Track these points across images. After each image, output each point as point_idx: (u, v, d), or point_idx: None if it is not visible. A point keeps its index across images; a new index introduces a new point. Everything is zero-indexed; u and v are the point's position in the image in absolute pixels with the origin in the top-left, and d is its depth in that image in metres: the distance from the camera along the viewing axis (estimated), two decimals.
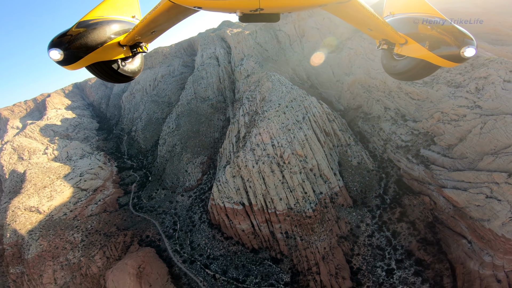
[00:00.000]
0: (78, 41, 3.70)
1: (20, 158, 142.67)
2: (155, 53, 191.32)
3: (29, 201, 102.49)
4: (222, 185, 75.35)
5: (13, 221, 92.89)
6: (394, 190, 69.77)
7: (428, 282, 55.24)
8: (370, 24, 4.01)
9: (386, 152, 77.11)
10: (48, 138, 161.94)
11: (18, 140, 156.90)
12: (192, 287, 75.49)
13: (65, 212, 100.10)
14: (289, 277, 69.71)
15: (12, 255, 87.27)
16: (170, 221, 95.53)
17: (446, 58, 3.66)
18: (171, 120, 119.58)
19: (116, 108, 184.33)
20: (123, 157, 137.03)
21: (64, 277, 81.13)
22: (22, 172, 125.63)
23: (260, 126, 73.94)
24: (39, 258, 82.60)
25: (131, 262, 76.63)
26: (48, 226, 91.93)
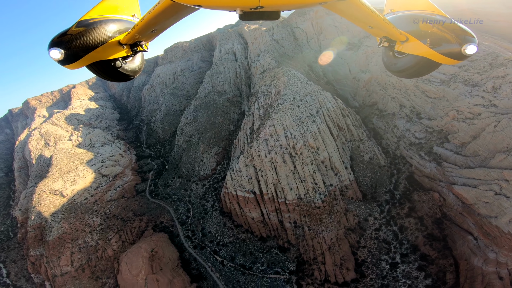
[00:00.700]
0: (78, 40, 3.77)
1: (47, 144, 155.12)
2: (175, 47, 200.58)
3: (54, 185, 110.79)
4: (235, 174, 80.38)
5: (38, 203, 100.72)
6: (405, 186, 71.69)
7: (431, 277, 57.29)
8: (371, 22, 4.05)
9: (399, 149, 78.87)
10: (73, 126, 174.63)
11: (45, 127, 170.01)
12: (201, 272, 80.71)
13: (86, 197, 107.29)
14: (294, 266, 73.52)
15: (34, 237, 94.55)
16: (184, 208, 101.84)
17: (447, 55, 3.71)
18: (189, 112, 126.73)
19: (137, 100, 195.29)
20: (142, 146, 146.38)
21: (80, 259, 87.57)
22: (48, 157, 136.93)
23: (274, 118, 78.21)
24: (60, 240, 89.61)
25: (145, 245, 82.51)
26: (70, 210, 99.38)
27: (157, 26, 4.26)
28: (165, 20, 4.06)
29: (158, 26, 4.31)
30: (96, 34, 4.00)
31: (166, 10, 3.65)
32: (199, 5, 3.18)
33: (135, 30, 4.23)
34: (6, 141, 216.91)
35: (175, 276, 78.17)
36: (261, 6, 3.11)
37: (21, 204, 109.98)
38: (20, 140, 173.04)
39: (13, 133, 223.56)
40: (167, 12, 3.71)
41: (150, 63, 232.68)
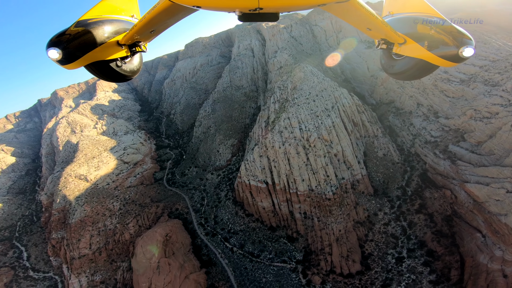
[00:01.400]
0: (76, 40, 3.82)
1: (73, 131, 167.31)
2: (196, 43, 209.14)
3: (80, 170, 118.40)
4: (249, 164, 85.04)
5: (64, 187, 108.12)
6: (417, 183, 73.06)
7: (436, 273, 58.81)
8: (369, 24, 4.12)
9: (414, 147, 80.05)
10: (97, 115, 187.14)
11: (72, 116, 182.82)
12: (211, 258, 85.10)
13: (108, 182, 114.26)
14: (301, 255, 76.79)
15: (58, 220, 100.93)
16: (199, 197, 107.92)
17: (444, 58, 3.75)
18: (207, 104, 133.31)
19: (157, 93, 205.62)
20: (161, 136, 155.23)
21: (98, 242, 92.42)
22: (75, 143, 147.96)
23: (290, 111, 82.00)
24: (81, 223, 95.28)
25: (160, 230, 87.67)
26: (93, 194, 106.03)
27: (156, 26, 4.31)
28: (164, 21, 4.13)
29: (157, 27, 4.37)
30: (95, 34, 4.06)
31: (165, 11, 3.70)
32: (198, 6, 3.23)
33: (134, 31, 4.30)
34: (34, 129, 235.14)
35: (186, 260, 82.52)
36: (260, 8, 3.17)
37: (47, 188, 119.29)
38: (48, 128, 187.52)
39: (41, 122, 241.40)
40: (166, 13, 3.78)
41: (171, 58, 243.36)
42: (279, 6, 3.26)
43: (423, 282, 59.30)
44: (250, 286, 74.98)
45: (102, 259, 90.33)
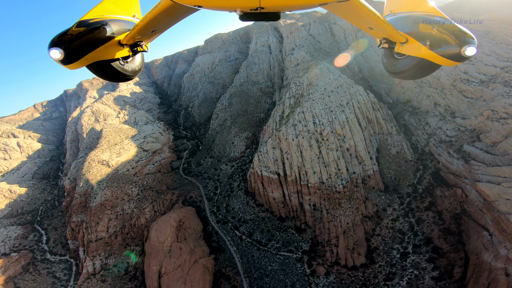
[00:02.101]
0: (78, 40, 3.88)
1: (97, 120, 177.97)
2: (215, 38, 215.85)
3: (103, 155, 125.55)
4: (263, 155, 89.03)
5: (87, 171, 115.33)
6: (429, 182, 74.05)
7: (439, 270, 60.06)
8: (371, 23, 4.15)
9: (428, 146, 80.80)
10: (119, 106, 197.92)
11: (96, 106, 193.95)
12: (220, 245, 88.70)
13: (128, 168, 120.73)
14: (308, 246, 79.37)
15: (79, 204, 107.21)
16: (212, 186, 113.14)
17: (447, 57, 3.77)
18: (224, 98, 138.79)
19: (177, 87, 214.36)
20: (179, 128, 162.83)
21: (115, 226, 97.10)
22: (99, 130, 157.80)
23: (304, 105, 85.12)
24: (101, 206, 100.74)
25: (174, 216, 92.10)
26: (113, 179, 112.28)
27: (158, 26, 4.39)
28: (165, 21, 4.20)
29: (159, 27, 4.44)
30: (96, 34, 4.15)
31: (166, 11, 3.76)
32: (200, 6, 3.26)
33: (135, 30, 4.37)
34: (59, 118, 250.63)
35: (196, 246, 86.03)
36: (261, 7, 3.22)
37: (70, 173, 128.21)
38: (73, 117, 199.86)
39: (66, 111, 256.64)
40: (167, 13, 3.83)
41: (190, 53, 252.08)
42: (280, 6, 3.30)
43: (426, 278, 60.73)
44: (256, 273, 77.94)
45: (117, 243, 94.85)
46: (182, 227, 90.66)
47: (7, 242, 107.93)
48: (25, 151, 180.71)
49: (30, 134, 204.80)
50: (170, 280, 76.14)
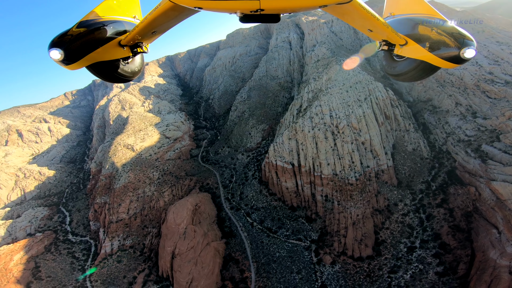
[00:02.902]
0: (78, 41, 3.91)
1: (123, 108, 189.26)
2: (236, 33, 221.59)
3: (128, 140, 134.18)
4: (278, 146, 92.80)
5: (113, 154, 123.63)
6: (443, 179, 74.51)
7: (444, 265, 60.74)
8: (370, 25, 4.20)
9: (446, 144, 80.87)
10: (144, 96, 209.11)
11: (123, 95, 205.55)
12: (232, 230, 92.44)
13: (151, 153, 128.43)
14: (317, 235, 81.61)
15: (104, 186, 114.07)
16: (228, 174, 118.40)
17: (446, 59, 3.80)
18: (244, 91, 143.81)
19: (198, 80, 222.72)
20: (199, 118, 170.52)
21: (136, 207, 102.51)
22: (125, 117, 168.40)
23: (322, 99, 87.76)
24: (124, 188, 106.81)
25: (191, 200, 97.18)
26: (137, 163, 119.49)
27: (158, 27, 4.41)
28: (165, 22, 4.22)
29: (159, 28, 4.46)
30: (96, 35, 4.18)
31: (166, 12, 3.78)
32: (200, 7, 3.28)
33: (135, 32, 4.39)
34: (87, 106, 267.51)
35: (209, 230, 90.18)
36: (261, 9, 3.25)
37: (96, 157, 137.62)
38: (100, 105, 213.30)
39: (93, 100, 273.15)
40: (167, 14, 3.85)
41: (213, 47, 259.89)
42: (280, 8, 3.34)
43: (430, 273, 61.70)
44: (264, 259, 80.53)
45: (136, 224, 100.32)
46: (198, 211, 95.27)
47: (33, 222, 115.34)
48: (55, 136, 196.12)
49: (60, 120, 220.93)
50: (182, 260, 79.55)
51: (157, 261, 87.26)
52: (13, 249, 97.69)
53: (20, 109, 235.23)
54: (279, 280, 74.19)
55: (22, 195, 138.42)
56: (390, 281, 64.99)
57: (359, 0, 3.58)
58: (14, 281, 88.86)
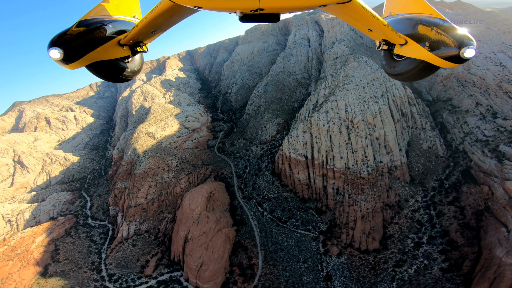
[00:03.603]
0: (77, 40, 3.93)
1: (145, 99, 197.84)
2: (255, 29, 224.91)
3: (149, 128, 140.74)
4: (292, 138, 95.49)
5: (136, 141, 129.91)
6: (457, 178, 74.42)
7: (449, 262, 61.00)
8: (370, 25, 4.21)
9: (463, 144, 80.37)
10: (165, 89, 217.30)
11: (145, 87, 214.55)
12: (243, 218, 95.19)
13: (170, 142, 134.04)
14: (326, 227, 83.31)
15: (125, 171, 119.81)
16: (243, 165, 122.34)
17: (446, 59, 3.80)
18: (260, 86, 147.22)
19: (217, 74, 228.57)
20: (217, 111, 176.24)
21: (154, 193, 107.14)
22: (148, 107, 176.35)
23: (338, 95, 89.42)
24: (144, 174, 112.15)
25: (206, 187, 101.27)
26: (157, 150, 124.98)
27: (158, 27, 4.43)
28: (165, 21, 4.24)
29: (159, 27, 4.48)
30: (96, 34, 4.20)
31: (166, 11, 3.80)
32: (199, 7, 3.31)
33: (135, 31, 4.40)
34: (110, 97, 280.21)
35: (222, 217, 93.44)
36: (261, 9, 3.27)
37: (119, 144, 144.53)
38: (123, 96, 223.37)
39: (116, 91, 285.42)
40: (167, 13, 3.87)
41: (231, 42, 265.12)
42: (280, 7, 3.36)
43: (434, 268, 62.20)
44: (272, 247, 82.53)
45: (152, 210, 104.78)
46: (212, 198, 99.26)
47: (56, 206, 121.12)
48: (80, 124, 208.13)
49: (85, 109, 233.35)
50: (194, 245, 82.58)
51: (170, 245, 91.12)
52: (36, 232, 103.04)
53: (49, 99, 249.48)
54: (285, 268, 76.13)
55: (47, 179, 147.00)
56: (394, 274, 66.09)
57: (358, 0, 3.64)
58: (33, 263, 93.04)
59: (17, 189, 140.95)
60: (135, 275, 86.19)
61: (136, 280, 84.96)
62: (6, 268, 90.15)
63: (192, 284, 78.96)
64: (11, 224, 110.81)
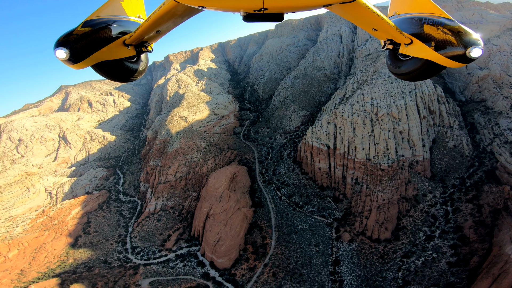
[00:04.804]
0: (83, 40, 3.97)
1: (179, 86, 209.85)
2: (285, 24, 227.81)
3: (183, 112, 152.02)
4: (316, 128, 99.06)
5: (170, 123, 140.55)
6: (480, 178, 73.84)
7: (458, 257, 61.30)
8: (375, 24, 4.17)
9: (492, 145, 78.97)
10: (198, 78, 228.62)
11: (180, 75, 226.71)
12: (261, 201, 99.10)
13: (200, 126, 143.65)
14: (341, 215, 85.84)
15: (158, 150, 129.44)
16: (265, 152, 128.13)
17: (452, 58, 3.76)
18: (288, 79, 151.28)
19: (246, 66, 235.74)
20: (244, 101, 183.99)
21: (182, 171, 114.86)
22: (182, 94, 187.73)
23: (365, 89, 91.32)
24: (175, 152, 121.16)
25: (230, 168, 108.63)
26: (188, 132, 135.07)
27: (162, 27, 4.41)
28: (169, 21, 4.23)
29: (163, 27, 4.46)
30: (101, 34, 4.24)
31: (170, 11, 3.80)
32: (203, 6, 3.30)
33: (140, 31, 4.40)
34: (146, 85, 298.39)
35: (242, 197, 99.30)
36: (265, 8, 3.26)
37: (153, 126, 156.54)
38: (159, 83, 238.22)
39: (152, 79, 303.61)
40: (171, 13, 3.87)
41: (261, 36, 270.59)
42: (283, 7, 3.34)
43: (442, 262, 62.73)
44: (286, 229, 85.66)
45: (179, 187, 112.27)
46: (235, 179, 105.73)
47: (92, 181, 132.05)
48: (118, 107, 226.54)
49: (123, 94, 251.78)
50: (215, 221, 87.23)
51: (192, 222, 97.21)
52: (73, 204, 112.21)
53: (92, 83, 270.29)
54: (297, 250, 79.02)
55: (86, 156, 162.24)
56: (401, 264, 67.11)
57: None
58: (66, 234, 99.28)
59: (59, 164, 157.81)
60: (156, 248, 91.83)
61: (156, 253, 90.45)
62: (42, 238, 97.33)
63: (207, 258, 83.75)
64: (51, 196, 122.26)
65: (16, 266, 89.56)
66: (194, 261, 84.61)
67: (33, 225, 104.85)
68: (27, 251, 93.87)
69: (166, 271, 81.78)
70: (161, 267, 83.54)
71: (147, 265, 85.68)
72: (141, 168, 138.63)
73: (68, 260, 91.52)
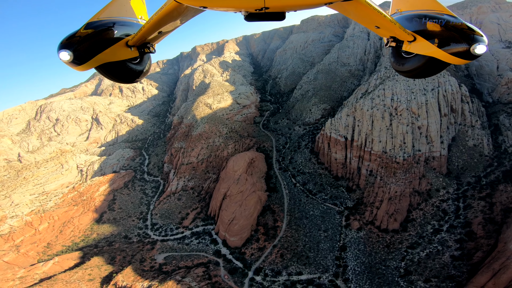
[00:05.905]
0: (86, 42, 3.97)
1: (205, 76, 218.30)
2: (311, 19, 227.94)
3: (208, 100, 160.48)
4: (335, 120, 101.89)
5: (195, 109, 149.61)
6: (497, 177, 73.76)
7: (462, 251, 62.18)
8: (378, 22, 4.13)
9: None
10: (223, 69, 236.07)
11: (206, 66, 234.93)
12: (276, 187, 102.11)
13: (223, 113, 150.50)
14: (352, 204, 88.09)
15: (183, 133, 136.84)
16: (283, 141, 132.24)
17: (456, 55, 3.73)
18: (311, 73, 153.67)
19: (269, 60, 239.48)
20: (266, 93, 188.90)
21: (204, 154, 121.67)
22: (207, 83, 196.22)
23: (387, 84, 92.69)
24: (199, 136, 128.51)
25: (249, 154, 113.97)
26: (212, 118, 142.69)
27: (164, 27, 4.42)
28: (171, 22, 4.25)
29: (165, 28, 4.48)
30: (104, 36, 4.24)
31: (172, 12, 3.80)
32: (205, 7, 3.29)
33: (142, 32, 4.41)
34: (173, 74, 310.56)
35: (258, 182, 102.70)
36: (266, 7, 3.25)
37: (179, 112, 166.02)
38: (185, 73, 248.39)
39: (179, 69, 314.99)
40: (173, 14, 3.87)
41: (286, 31, 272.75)
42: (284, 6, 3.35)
43: (445, 255, 63.86)
44: (297, 214, 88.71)
45: (200, 169, 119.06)
46: (252, 164, 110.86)
47: (120, 161, 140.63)
48: (146, 94, 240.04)
49: (151, 83, 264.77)
50: (231, 201, 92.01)
51: (209, 202, 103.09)
52: (102, 181, 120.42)
53: None
54: (306, 234, 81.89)
55: (115, 137, 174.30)
56: (406, 255, 68.85)
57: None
58: (93, 209, 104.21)
59: (91, 143, 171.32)
60: (174, 225, 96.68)
61: (174, 230, 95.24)
62: (71, 212, 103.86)
63: (221, 237, 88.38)
64: (82, 173, 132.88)
65: (44, 239, 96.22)
66: (208, 239, 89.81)
67: (64, 199, 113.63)
68: (56, 225, 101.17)
69: (181, 247, 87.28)
70: (176, 243, 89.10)
71: (164, 241, 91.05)
72: (166, 150, 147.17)
73: (92, 234, 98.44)
